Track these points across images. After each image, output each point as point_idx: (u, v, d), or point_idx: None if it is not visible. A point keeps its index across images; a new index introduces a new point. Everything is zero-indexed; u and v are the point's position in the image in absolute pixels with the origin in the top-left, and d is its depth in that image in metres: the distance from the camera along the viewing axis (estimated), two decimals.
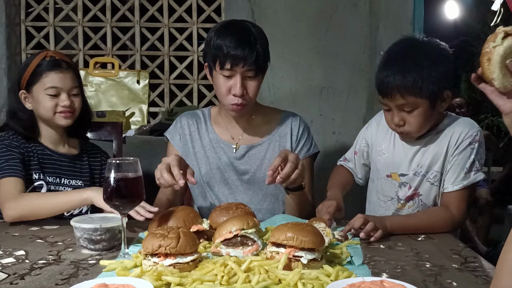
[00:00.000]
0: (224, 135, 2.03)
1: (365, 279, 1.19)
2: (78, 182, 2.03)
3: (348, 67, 3.04)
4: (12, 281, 1.27)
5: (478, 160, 1.81)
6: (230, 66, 1.83)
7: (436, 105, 1.78)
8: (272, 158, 1.99)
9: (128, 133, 2.97)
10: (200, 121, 2.06)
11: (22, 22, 3.27)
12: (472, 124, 1.85)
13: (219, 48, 1.84)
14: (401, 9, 3.01)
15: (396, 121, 1.79)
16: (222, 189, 2.01)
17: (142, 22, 3.28)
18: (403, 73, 1.74)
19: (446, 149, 1.83)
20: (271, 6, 3.03)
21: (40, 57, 1.96)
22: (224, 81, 1.87)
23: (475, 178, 1.79)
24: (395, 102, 1.77)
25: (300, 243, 1.29)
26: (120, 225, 1.46)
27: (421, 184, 1.88)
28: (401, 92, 1.74)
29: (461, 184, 1.79)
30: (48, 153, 2.00)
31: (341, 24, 3.02)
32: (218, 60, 1.85)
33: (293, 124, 2.05)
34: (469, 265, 1.38)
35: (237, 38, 1.84)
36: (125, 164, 1.45)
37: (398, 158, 1.92)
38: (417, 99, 1.74)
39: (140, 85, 3.18)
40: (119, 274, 1.28)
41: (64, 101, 1.94)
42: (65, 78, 1.96)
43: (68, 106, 1.95)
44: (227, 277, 1.20)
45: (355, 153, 2.11)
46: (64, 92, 1.95)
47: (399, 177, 1.92)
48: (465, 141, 1.80)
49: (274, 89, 3.03)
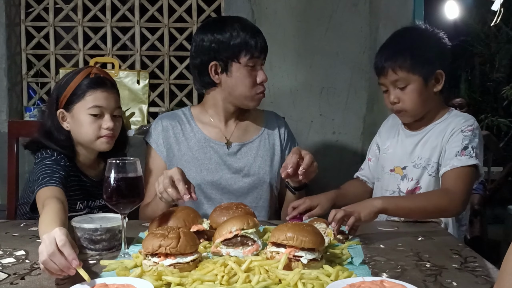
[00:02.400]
0: (213, 133, 2.01)
1: (365, 279, 1.19)
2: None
3: (348, 67, 3.04)
4: (13, 281, 1.27)
5: (472, 147, 1.82)
6: (259, 54, 1.92)
7: (429, 84, 1.87)
8: (264, 156, 2.03)
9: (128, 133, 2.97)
10: (182, 122, 2.03)
11: (22, 22, 3.26)
12: (468, 117, 1.91)
13: (244, 41, 1.89)
14: (401, 9, 3.01)
15: (391, 98, 1.89)
16: (214, 190, 1.99)
17: (142, 22, 3.27)
18: (395, 50, 1.89)
19: (442, 140, 1.88)
20: (271, 6, 3.03)
21: (84, 74, 1.83)
22: (249, 71, 1.92)
23: (467, 161, 1.79)
24: (389, 79, 1.87)
25: (300, 243, 1.30)
26: (120, 225, 1.46)
27: (422, 177, 1.91)
28: (393, 67, 1.85)
29: (451, 164, 1.80)
30: (83, 179, 1.89)
31: (341, 24, 3.02)
32: (244, 52, 1.89)
33: (278, 122, 2.12)
34: (469, 265, 1.38)
35: (253, 30, 1.93)
36: (125, 164, 1.45)
37: (401, 152, 1.97)
38: (408, 74, 1.84)
39: (140, 85, 3.18)
40: (119, 274, 1.28)
41: (107, 123, 1.82)
42: (109, 98, 1.84)
43: (111, 128, 1.83)
44: (227, 277, 1.20)
45: (368, 160, 2.15)
46: (108, 113, 1.83)
47: (402, 170, 1.96)
48: (457, 129, 1.86)
49: (274, 89, 3.03)
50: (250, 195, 2.00)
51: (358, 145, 3.04)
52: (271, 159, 2.03)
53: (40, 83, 3.31)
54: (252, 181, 2.00)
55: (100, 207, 1.94)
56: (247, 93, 1.94)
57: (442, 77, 1.88)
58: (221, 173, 1.99)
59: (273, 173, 2.02)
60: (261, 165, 2.01)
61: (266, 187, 2.00)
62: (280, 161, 2.02)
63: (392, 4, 3.01)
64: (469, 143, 1.82)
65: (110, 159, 1.45)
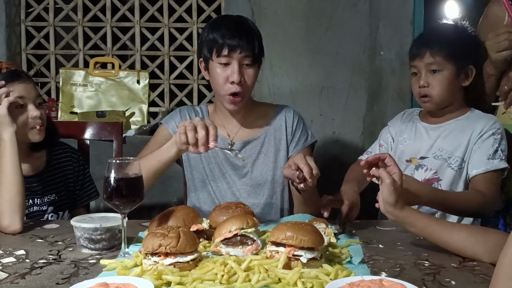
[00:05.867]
0: (221, 131, 2.01)
1: (364, 278, 1.19)
2: (51, 196, 1.97)
3: (348, 67, 3.04)
4: (13, 281, 1.27)
5: (501, 150, 1.90)
6: (228, 52, 1.85)
7: (459, 76, 1.94)
8: (267, 152, 2.01)
9: (128, 133, 2.97)
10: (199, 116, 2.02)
11: (22, 22, 3.27)
12: (494, 118, 1.97)
13: (215, 38, 1.86)
14: (401, 9, 3.02)
15: (421, 82, 1.94)
16: (221, 183, 2.00)
17: (142, 22, 3.28)
18: (436, 37, 2.00)
19: (469, 137, 1.93)
20: (271, 6, 3.03)
21: None
22: (222, 69, 1.87)
23: (498, 164, 1.87)
24: (425, 61, 1.93)
25: (300, 242, 1.30)
26: (120, 224, 1.47)
27: (442, 169, 1.95)
28: (432, 50, 1.92)
29: (485, 167, 1.87)
30: None
31: (341, 24, 3.02)
32: (215, 48, 1.86)
33: (287, 116, 2.05)
34: (467, 264, 1.38)
35: (233, 28, 1.88)
36: (125, 164, 1.46)
37: (419, 143, 2.02)
38: (444, 60, 1.91)
39: (140, 85, 3.19)
40: (119, 273, 1.29)
41: (33, 112, 1.82)
42: (28, 88, 1.83)
43: (39, 117, 1.83)
44: (227, 276, 1.21)
45: (380, 145, 2.16)
46: (31, 102, 1.83)
47: (418, 160, 1.99)
48: (488, 132, 1.91)
49: (274, 89, 3.03)
50: (253, 192, 2.00)
51: (358, 145, 3.04)
52: (275, 155, 2.01)
53: (40, 83, 3.31)
54: (254, 178, 2.00)
55: (50, 203, 1.95)
56: (220, 92, 1.91)
57: (472, 74, 1.95)
58: (226, 168, 2.00)
59: (278, 169, 2.01)
60: (263, 162, 2.01)
61: (270, 184, 2.00)
62: (285, 156, 2.01)
63: (392, 4, 3.01)
64: (498, 146, 1.89)
65: (110, 159, 1.46)
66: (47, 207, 1.96)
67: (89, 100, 3.18)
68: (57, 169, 2.02)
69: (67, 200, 2.04)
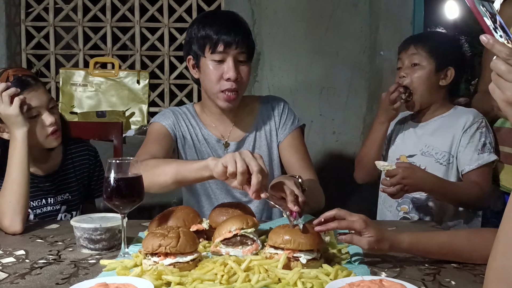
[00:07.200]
0: (214, 132, 1.98)
1: (364, 278, 1.19)
2: (64, 195, 1.97)
3: (348, 67, 3.04)
4: (13, 281, 1.27)
5: (489, 143, 1.97)
6: (223, 48, 1.80)
7: (438, 74, 2.02)
8: (260, 147, 1.99)
9: (128, 133, 2.98)
10: (188, 116, 1.99)
11: (22, 22, 3.27)
12: (477, 113, 2.04)
13: (208, 34, 1.81)
14: (401, 9, 3.02)
15: (402, 73, 2.04)
16: (219, 184, 1.96)
17: (142, 22, 3.28)
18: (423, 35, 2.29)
19: (454, 132, 2.00)
20: (271, 6, 3.03)
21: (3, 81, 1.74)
22: (215, 66, 1.82)
23: (489, 158, 1.94)
24: (408, 52, 2.05)
25: (298, 246, 1.29)
26: (120, 224, 1.47)
27: (431, 165, 1.99)
28: (416, 44, 2.05)
29: (476, 163, 1.94)
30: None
31: (341, 24, 3.02)
32: (208, 45, 1.81)
33: (273, 104, 2.02)
34: (467, 264, 1.38)
35: (228, 23, 1.83)
36: (125, 164, 1.45)
37: (407, 142, 2.11)
38: (426, 55, 2.01)
39: (140, 85, 3.19)
40: (119, 274, 1.29)
41: (48, 119, 1.80)
42: (39, 95, 1.79)
43: (54, 123, 1.81)
44: (227, 276, 1.20)
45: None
46: (44, 109, 1.81)
47: (407, 158, 2.06)
48: (472, 126, 1.98)
49: (274, 89, 3.03)
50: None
51: (358, 145, 3.04)
52: (268, 148, 1.99)
53: None
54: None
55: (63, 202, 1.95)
56: (213, 89, 1.85)
57: (451, 75, 2.03)
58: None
59: (273, 162, 1.99)
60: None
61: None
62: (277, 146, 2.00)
63: (392, 4, 3.01)
64: (486, 139, 1.97)
65: (110, 159, 1.45)
66: (60, 206, 1.95)
67: (89, 100, 3.18)
68: (71, 168, 2.00)
69: (79, 200, 2.03)
